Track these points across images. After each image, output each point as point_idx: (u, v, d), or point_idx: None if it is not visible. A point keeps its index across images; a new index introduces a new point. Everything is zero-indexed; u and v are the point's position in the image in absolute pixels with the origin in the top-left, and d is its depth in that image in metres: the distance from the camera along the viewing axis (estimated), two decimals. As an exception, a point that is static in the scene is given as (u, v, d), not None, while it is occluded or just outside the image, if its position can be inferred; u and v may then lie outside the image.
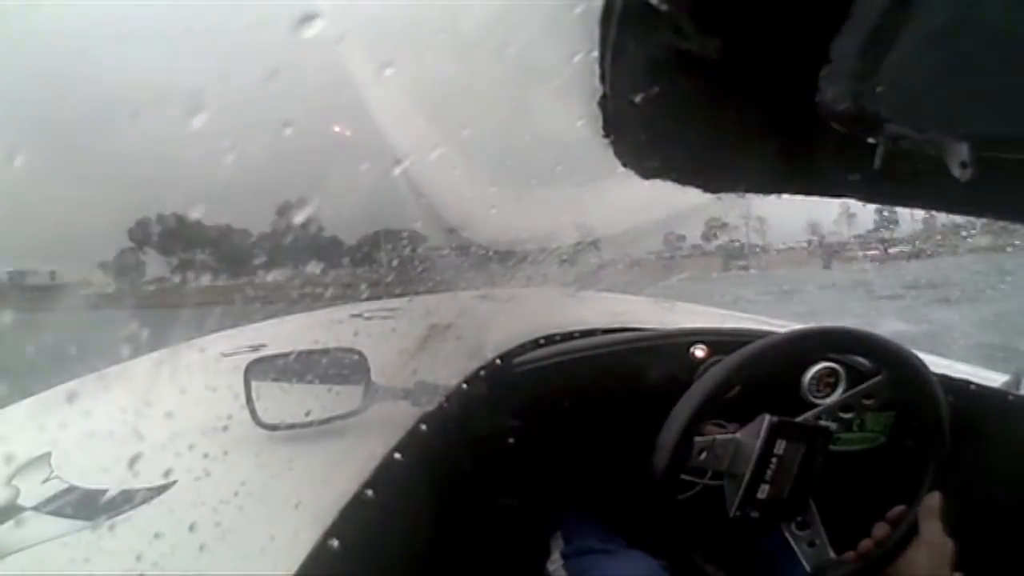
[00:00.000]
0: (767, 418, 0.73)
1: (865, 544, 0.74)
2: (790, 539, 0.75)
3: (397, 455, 0.66)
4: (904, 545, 0.71)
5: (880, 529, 0.74)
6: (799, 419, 0.75)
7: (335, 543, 0.49)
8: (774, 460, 0.72)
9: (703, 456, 0.71)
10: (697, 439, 0.71)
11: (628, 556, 0.83)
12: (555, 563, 0.89)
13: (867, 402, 0.81)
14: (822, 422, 0.76)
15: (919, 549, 0.70)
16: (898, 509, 0.74)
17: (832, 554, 0.75)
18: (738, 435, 0.73)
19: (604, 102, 0.45)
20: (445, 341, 0.95)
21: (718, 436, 0.73)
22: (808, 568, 0.74)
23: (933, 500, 0.72)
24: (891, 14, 0.30)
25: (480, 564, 0.85)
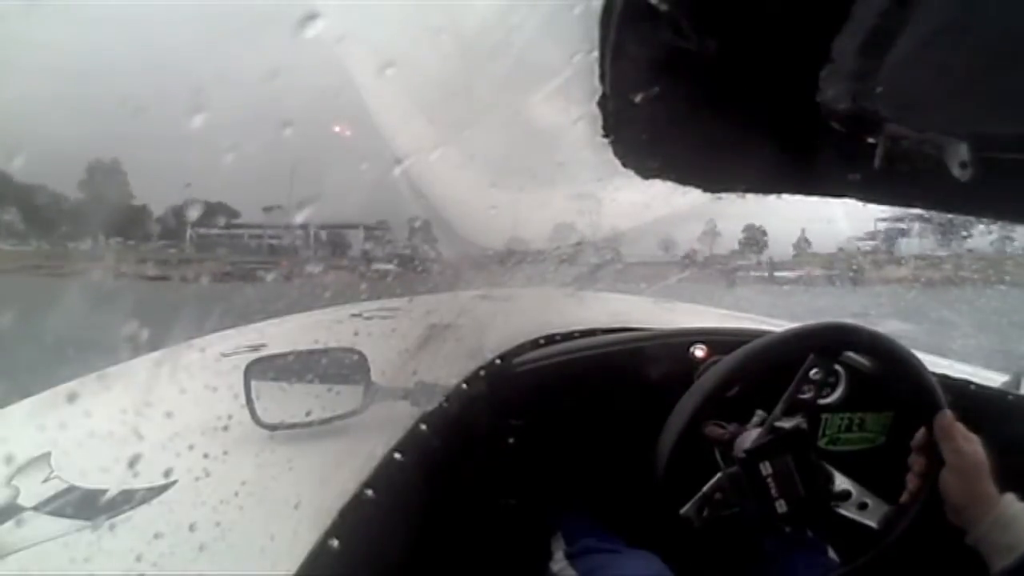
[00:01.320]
0: (737, 455, 0.73)
1: (912, 482, 0.73)
2: (844, 514, 0.75)
3: (397, 455, 0.66)
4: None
5: (917, 463, 0.73)
6: (763, 428, 0.75)
7: (335, 543, 0.49)
8: (769, 480, 0.72)
9: (706, 511, 0.71)
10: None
11: (636, 555, 0.83)
12: (559, 563, 0.89)
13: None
14: (786, 423, 0.75)
15: (947, 475, 0.68)
16: (920, 435, 0.73)
17: (887, 505, 0.74)
18: (722, 475, 0.72)
19: (604, 102, 0.45)
20: (445, 341, 0.95)
21: (707, 486, 0.72)
22: (876, 526, 0.73)
23: (944, 419, 0.70)
24: (891, 14, 0.30)
25: (480, 564, 0.85)
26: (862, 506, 0.75)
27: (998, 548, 0.63)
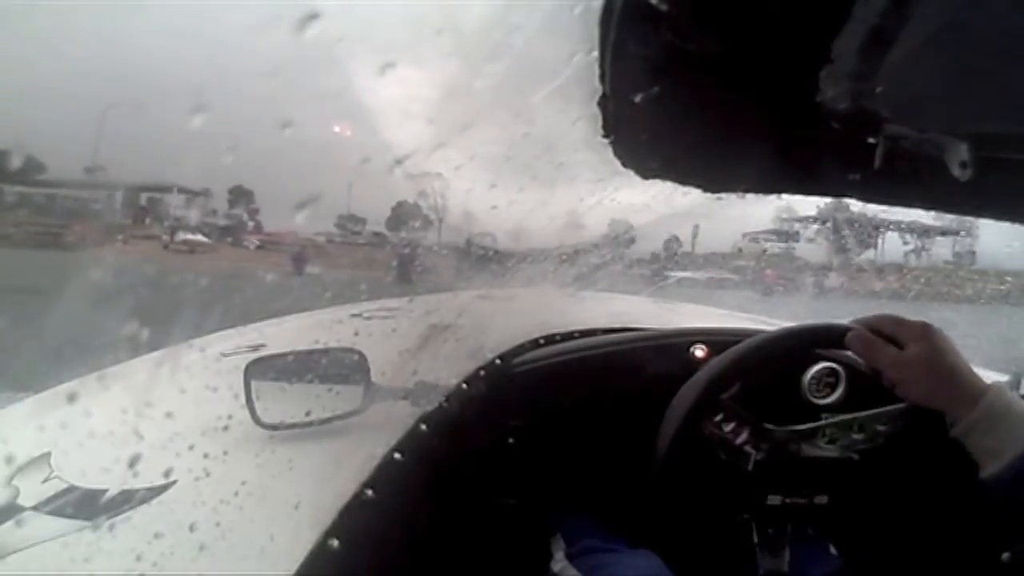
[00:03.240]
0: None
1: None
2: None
3: (397, 455, 0.66)
4: None
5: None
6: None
7: (335, 543, 0.49)
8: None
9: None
10: None
11: (636, 554, 0.83)
12: (559, 563, 0.89)
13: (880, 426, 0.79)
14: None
15: (897, 377, 0.63)
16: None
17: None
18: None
19: (604, 102, 0.45)
20: (445, 341, 0.95)
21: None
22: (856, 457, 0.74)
23: (857, 336, 0.66)
24: (891, 14, 0.30)
25: (480, 564, 0.85)
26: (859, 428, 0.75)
27: (983, 450, 0.57)
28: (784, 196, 0.67)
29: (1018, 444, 0.54)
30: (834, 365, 0.92)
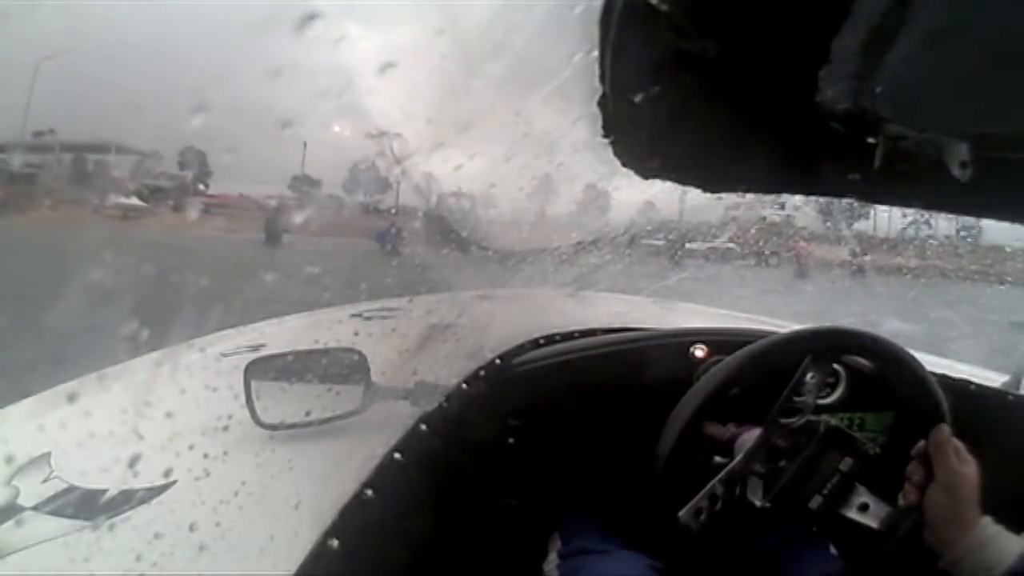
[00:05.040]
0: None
1: (911, 492, 0.71)
2: (845, 515, 0.73)
3: (397, 455, 0.66)
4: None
5: (916, 473, 0.71)
6: (761, 430, 0.74)
7: (335, 543, 0.49)
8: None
9: (703, 516, 0.70)
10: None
11: (620, 556, 0.83)
12: (551, 563, 0.89)
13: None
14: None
15: (935, 490, 0.67)
16: (921, 445, 0.71)
17: (889, 507, 0.73)
18: (716, 482, 0.71)
19: (604, 102, 0.45)
20: (445, 341, 0.95)
21: (701, 493, 0.70)
22: (878, 527, 0.72)
23: (940, 435, 0.68)
24: (891, 14, 0.30)
25: (479, 564, 0.85)
26: (863, 507, 0.75)
27: (975, 570, 0.62)
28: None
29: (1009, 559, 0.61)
30: (834, 365, 0.92)
